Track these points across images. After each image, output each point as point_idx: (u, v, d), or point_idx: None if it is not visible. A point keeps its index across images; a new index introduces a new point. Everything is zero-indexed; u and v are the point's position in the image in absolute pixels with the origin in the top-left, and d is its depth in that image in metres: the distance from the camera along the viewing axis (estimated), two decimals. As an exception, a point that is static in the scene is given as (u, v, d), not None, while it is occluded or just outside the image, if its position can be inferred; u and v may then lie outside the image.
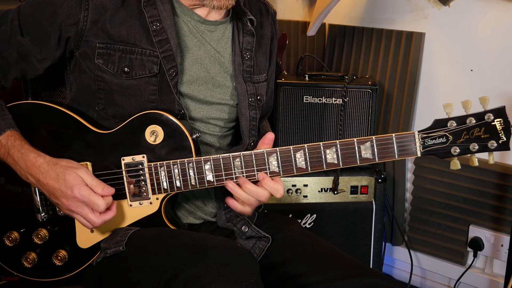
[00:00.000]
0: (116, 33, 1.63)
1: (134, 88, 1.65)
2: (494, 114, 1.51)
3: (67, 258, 1.69)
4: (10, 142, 1.60)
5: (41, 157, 1.59)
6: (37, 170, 1.57)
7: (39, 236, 1.68)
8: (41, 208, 1.68)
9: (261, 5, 1.89)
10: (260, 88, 1.84)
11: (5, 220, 1.71)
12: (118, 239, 1.60)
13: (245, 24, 1.78)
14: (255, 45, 1.81)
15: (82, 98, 1.72)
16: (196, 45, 1.73)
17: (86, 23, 1.62)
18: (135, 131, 1.63)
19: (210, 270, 1.36)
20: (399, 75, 2.86)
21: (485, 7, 2.62)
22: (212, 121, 1.78)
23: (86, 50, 1.65)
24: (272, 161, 1.60)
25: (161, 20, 1.65)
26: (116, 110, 1.67)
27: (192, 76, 1.72)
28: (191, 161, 1.61)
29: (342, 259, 1.69)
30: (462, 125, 1.53)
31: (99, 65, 1.64)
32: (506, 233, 2.69)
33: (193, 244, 1.50)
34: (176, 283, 1.36)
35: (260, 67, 1.85)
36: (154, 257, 1.50)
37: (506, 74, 2.61)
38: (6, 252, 1.71)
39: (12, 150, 1.59)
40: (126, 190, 1.64)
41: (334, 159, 1.58)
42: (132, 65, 1.64)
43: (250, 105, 1.80)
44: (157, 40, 1.64)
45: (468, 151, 1.54)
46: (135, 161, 1.63)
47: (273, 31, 1.92)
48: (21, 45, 1.65)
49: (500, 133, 1.51)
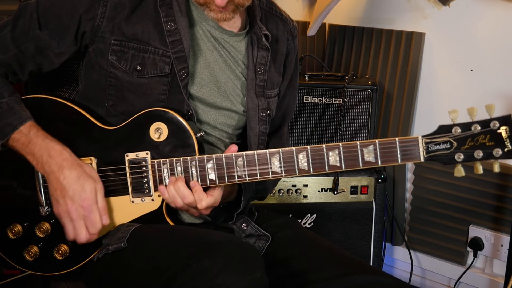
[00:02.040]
0: (131, 31, 1.64)
1: (144, 86, 1.66)
2: (500, 122, 1.47)
3: (68, 252, 1.68)
4: (33, 132, 1.60)
5: (66, 151, 1.59)
6: (60, 162, 1.57)
7: (41, 229, 1.68)
8: (45, 202, 1.67)
9: (278, 21, 1.87)
10: (271, 103, 1.84)
11: (9, 213, 1.71)
12: (120, 235, 1.60)
13: (260, 38, 1.77)
14: (269, 59, 1.80)
15: (92, 94, 1.72)
16: (210, 49, 1.73)
17: (103, 19, 1.63)
18: (140, 128, 1.63)
19: (216, 263, 1.36)
20: (399, 75, 2.87)
21: (485, 7, 2.62)
22: (219, 126, 1.77)
23: (100, 46, 1.65)
24: (275, 161, 1.59)
25: (176, 20, 1.66)
26: (125, 107, 1.67)
27: (203, 79, 1.72)
28: (194, 159, 1.61)
29: (342, 257, 1.69)
30: (467, 131, 1.50)
31: (112, 62, 1.65)
32: (506, 233, 2.69)
33: (198, 239, 1.50)
34: (182, 277, 1.36)
35: (273, 82, 1.84)
36: (158, 253, 1.50)
37: (506, 74, 2.62)
38: (9, 244, 1.71)
39: (35, 139, 1.59)
40: (129, 186, 1.65)
41: (336, 161, 1.57)
42: (145, 64, 1.65)
43: (260, 120, 1.80)
44: (170, 40, 1.65)
45: (472, 158, 1.51)
46: (139, 157, 1.63)
47: (289, 47, 1.90)
48: (39, 39, 1.65)
49: (506, 141, 1.47)
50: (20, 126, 1.60)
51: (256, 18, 1.78)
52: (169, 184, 1.60)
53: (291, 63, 1.91)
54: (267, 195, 1.97)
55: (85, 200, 1.55)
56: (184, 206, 1.61)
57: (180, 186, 1.58)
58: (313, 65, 3.19)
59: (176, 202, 1.60)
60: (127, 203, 1.66)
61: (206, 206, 1.59)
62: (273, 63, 1.83)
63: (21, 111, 1.62)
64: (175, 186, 1.59)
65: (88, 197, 1.56)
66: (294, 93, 1.98)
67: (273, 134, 1.94)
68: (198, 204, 1.59)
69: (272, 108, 1.84)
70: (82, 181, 1.56)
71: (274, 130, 1.95)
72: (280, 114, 1.94)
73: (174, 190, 1.59)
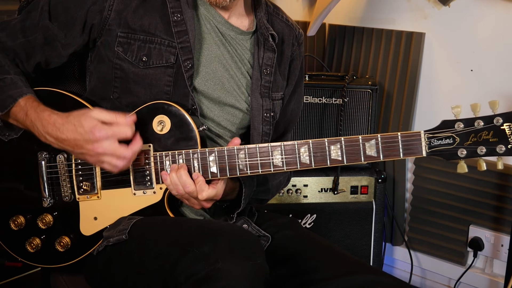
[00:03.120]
0: (138, 23, 1.65)
1: (150, 77, 1.66)
2: (503, 118, 1.46)
3: (69, 245, 1.68)
4: (28, 104, 1.60)
5: (54, 114, 1.58)
6: (53, 127, 1.56)
7: (43, 221, 1.68)
8: (47, 193, 1.67)
9: (284, 26, 1.87)
10: (276, 106, 1.84)
11: (12, 205, 1.71)
12: (121, 228, 1.60)
13: (266, 39, 1.77)
14: (275, 62, 1.80)
15: (99, 88, 1.73)
16: (217, 44, 1.73)
17: (111, 12, 1.65)
18: (143, 120, 1.63)
19: (217, 249, 1.35)
20: (399, 75, 2.87)
21: (485, 7, 2.63)
22: (223, 122, 1.77)
23: (107, 38, 1.67)
24: (276, 155, 1.59)
25: (183, 11, 1.67)
26: (130, 99, 1.67)
27: (208, 73, 1.72)
28: (196, 152, 1.60)
29: (342, 257, 1.68)
30: (470, 127, 1.49)
31: (118, 53, 1.66)
32: (506, 233, 2.70)
33: (199, 226, 1.50)
34: (183, 263, 1.36)
35: (278, 85, 1.84)
36: (159, 242, 1.49)
37: (506, 74, 2.62)
38: (11, 236, 1.71)
39: (30, 111, 1.59)
40: (131, 178, 1.64)
41: (338, 155, 1.57)
42: (150, 54, 1.65)
43: (264, 120, 1.80)
44: (176, 30, 1.66)
45: (475, 154, 1.50)
46: (142, 149, 1.62)
47: (295, 53, 1.90)
48: (47, 29, 1.66)
49: (510, 138, 1.47)
50: (19, 99, 1.60)
51: (263, 19, 1.79)
52: (172, 171, 1.59)
53: (295, 69, 1.91)
54: (268, 198, 1.97)
55: (94, 132, 1.51)
56: (185, 195, 1.60)
57: (182, 174, 1.58)
58: (313, 65, 3.19)
59: (178, 189, 1.59)
60: (129, 195, 1.65)
61: (207, 197, 1.58)
62: (279, 66, 1.84)
63: (23, 87, 1.63)
64: (178, 174, 1.58)
65: (93, 128, 1.51)
66: (299, 100, 1.98)
67: (277, 140, 1.94)
68: (199, 194, 1.58)
69: (276, 111, 1.84)
70: (77, 124, 1.53)
71: (279, 136, 1.95)
72: (284, 120, 1.93)
73: (176, 177, 1.58)
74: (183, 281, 1.34)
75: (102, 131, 1.51)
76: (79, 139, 1.53)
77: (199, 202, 1.61)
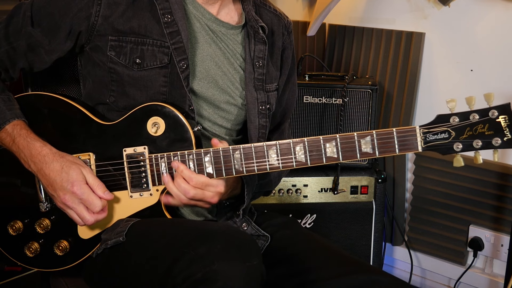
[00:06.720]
0: (127, 25, 1.65)
1: (145, 79, 1.66)
2: (498, 111, 1.46)
3: (68, 248, 1.69)
4: (16, 131, 1.62)
5: (46, 147, 1.61)
6: (42, 159, 1.60)
7: (41, 225, 1.69)
8: (44, 198, 1.68)
9: (273, 16, 1.88)
10: (271, 97, 1.84)
11: (10, 210, 1.72)
12: (119, 230, 1.60)
13: (257, 31, 1.78)
14: (267, 53, 1.81)
15: (95, 92, 1.73)
16: (208, 42, 1.74)
17: (98, 18, 1.64)
18: (137, 123, 1.64)
19: (214, 250, 1.36)
20: (399, 75, 2.87)
21: (485, 7, 2.63)
22: (218, 121, 1.77)
23: (98, 43, 1.66)
24: (272, 154, 1.59)
25: (173, 12, 1.67)
26: (127, 102, 1.68)
27: (201, 72, 1.72)
28: (191, 153, 1.61)
29: (342, 256, 1.69)
30: (465, 121, 1.48)
31: (111, 57, 1.65)
32: (506, 233, 2.69)
33: (195, 228, 1.50)
34: (179, 264, 1.36)
35: (272, 76, 1.84)
36: (156, 244, 1.50)
37: (506, 74, 2.62)
38: (10, 241, 1.72)
39: (18, 139, 1.62)
40: (127, 181, 1.65)
41: (333, 153, 1.57)
42: (144, 56, 1.65)
43: (260, 113, 1.80)
44: (168, 31, 1.66)
45: (471, 148, 1.49)
46: (137, 152, 1.63)
47: (285, 42, 1.90)
48: (30, 35, 1.66)
49: (505, 130, 1.46)
50: (4, 126, 1.62)
51: (251, 11, 1.79)
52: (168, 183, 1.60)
53: (288, 58, 1.92)
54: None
55: (74, 185, 1.57)
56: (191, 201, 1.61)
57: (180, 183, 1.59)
58: (313, 65, 3.19)
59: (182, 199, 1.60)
60: (125, 198, 1.66)
61: (201, 181, 1.58)
62: (271, 57, 1.84)
63: (7, 110, 1.64)
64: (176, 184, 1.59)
65: (75, 181, 1.57)
66: (294, 89, 1.98)
67: (275, 130, 1.95)
68: (190, 182, 1.58)
69: (272, 102, 1.85)
70: (66, 169, 1.58)
71: (276, 126, 1.95)
72: (280, 110, 1.94)
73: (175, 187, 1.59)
74: (180, 282, 1.35)
75: (80, 190, 1.58)
76: (57, 182, 1.58)
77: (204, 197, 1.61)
